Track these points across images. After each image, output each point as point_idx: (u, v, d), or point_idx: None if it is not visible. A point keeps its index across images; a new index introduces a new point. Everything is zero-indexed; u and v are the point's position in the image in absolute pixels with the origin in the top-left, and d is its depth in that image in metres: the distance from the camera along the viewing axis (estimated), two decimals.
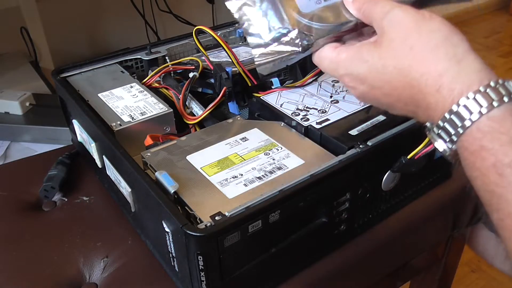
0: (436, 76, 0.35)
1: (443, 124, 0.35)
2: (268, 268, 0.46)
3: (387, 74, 0.37)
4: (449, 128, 0.35)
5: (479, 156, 0.33)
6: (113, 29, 1.51)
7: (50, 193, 0.60)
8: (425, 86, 0.35)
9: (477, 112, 0.33)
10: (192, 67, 0.64)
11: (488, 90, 0.33)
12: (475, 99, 0.33)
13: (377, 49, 0.38)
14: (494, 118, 0.33)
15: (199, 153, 0.50)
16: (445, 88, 0.34)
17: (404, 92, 0.37)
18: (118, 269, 0.51)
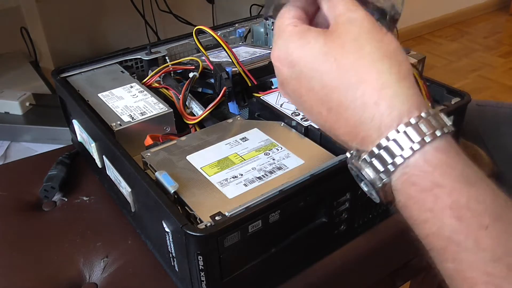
0: (376, 87, 0.31)
1: (379, 151, 0.31)
2: (268, 268, 0.46)
3: (323, 64, 0.33)
4: (385, 157, 0.30)
5: (431, 195, 0.29)
6: (113, 29, 1.51)
7: (50, 193, 0.60)
8: (362, 94, 0.31)
9: (418, 141, 0.29)
10: (192, 67, 0.64)
11: (429, 118, 0.30)
12: (417, 126, 0.30)
13: (324, 36, 0.34)
14: (440, 148, 0.30)
15: (199, 153, 0.50)
16: (384, 103, 0.31)
17: (334, 94, 0.33)
18: (118, 269, 0.51)
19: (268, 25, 0.81)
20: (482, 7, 2.79)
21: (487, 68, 2.24)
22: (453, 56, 2.35)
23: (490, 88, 2.08)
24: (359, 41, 0.32)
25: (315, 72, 0.33)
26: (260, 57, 0.69)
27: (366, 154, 0.32)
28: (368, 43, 0.32)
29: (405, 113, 0.30)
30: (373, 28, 0.33)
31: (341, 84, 0.32)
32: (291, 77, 0.35)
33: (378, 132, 0.31)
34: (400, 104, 0.30)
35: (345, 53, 0.32)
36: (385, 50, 0.32)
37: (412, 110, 0.30)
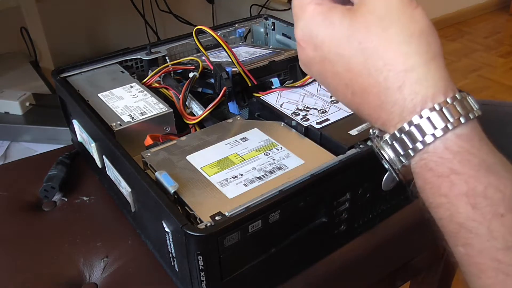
0: (400, 71, 0.30)
1: (400, 135, 0.30)
2: (268, 268, 0.46)
3: (348, 49, 0.32)
4: (406, 141, 0.30)
5: (448, 181, 0.29)
6: (113, 29, 1.51)
7: (50, 193, 0.60)
8: (385, 79, 0.30)
9: (442, 127, 0.29)
10: (192, 67, 0.64)
11: (455, 103, 0.29)
12: (441, 111, 0.29)
13: (349, 16, 0.32)
14: (463, 136, 0.29)
15: (199, 153, 0.50)
16: (407, 88, 0.30)
17: (358, 78, 0.32)
18: (118, 269, 0.51)
19: (268, 25, 0.82)
20: (482, 7, 2.79)
21: (487, 68, 2.24)
22: (453, 56, 2.35)
23: (490, 88, 2.08)
24: (384, 21, 0.31)
25: (340, 57, 0.32)
26: (260, 57, 0.69)
27: (388, 136, 0.31)
28: (395, 22, 0.31)
29: (430, 98, 0.29)
30: (400, 4, 0.31)
31: (365, 68, 0.31)
32: (315, 60, 0.34)
33: (400, 116, 0.30)
34: (425, 89, 0.29)
35: (370, 35, 0.31)
36: (413, 29, 0.30)
37: (438, 95, 0.29)
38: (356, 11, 0.32)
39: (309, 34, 0.34)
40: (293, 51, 0.70)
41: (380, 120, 0.32)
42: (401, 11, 0.31)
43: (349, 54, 0.32)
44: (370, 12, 0.31)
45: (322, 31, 0.33)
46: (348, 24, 0.32)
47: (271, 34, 0.82)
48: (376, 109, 0.31)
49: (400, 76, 0.30)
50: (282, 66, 0.68)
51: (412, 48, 0.30)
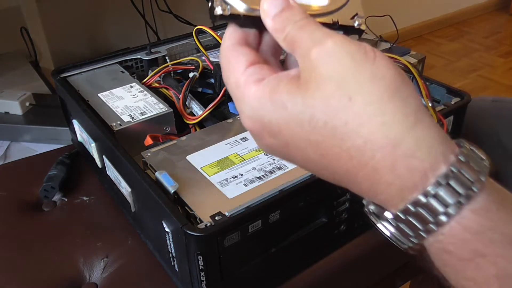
0: (385, 147, 0.24)
1: (405, 217, 0.25)
2: (268, 268, 0.46)
3: (314, 133, 0.26)
4: (415, 223, 0.25)
5: (473, 265, 0.25)
6: (113, 29, 1.51)
7: (50, 193, 0.60)
8: (371, 159, 0.25)
9: (454, 203, 0.24)
10: (192, 67, 0.64)
11: (462, 170, 0.24)
12: (448, 185, 0.24)
13: (301, 92, 0.26)
14: (480, 210, 0.24)
15: (199, 153, 0.50)
16: (400, 167, 0.24)
17: (337, 163, 0.26)
18: (118, 269, 0.51)
19: None
20: (482, 7, 2.79)
21: (487, 68, 2.24)
22: (453, 56, 2.35)
23: (490, 88, 2.08)
24: (343, 89, 0.25)
25: (307, 143, 0.27)
26: None
27: (390, 216, 0.26)
28: (357, 88, 0.25)
29: (429, 171, 0.24)
30: (355, 62, 0.25)
31: (343, 151, 0.26)
32: (277, 146, 0.29)
33: (401, 197, 0.25)
34: (421, 163, 0.24)
35: (333, 112, 0.25)
36: (381, 90, 0.25)
37: (438, 165, 0.24)
38: (307, 83, 0.26)
39: (260, 122, 0.28)
40: None
41: (376, 199, 0.27)
42: (360, 70, 0.25)
43: (316, 138, 0.26)
44: (324, 81, 0.25)
45: (274, 117, 0.27)
46: (302, 104, 0.26)
47: None
48: (369, 190, 0.26)
49: (387, 154, 0.25)
50: None
51: (388, 116, 0.25)
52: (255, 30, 0.31)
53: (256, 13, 0.29)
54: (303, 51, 0.27)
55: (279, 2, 0.28)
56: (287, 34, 0.28)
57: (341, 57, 0.25)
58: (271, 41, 0.31)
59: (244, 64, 0.29)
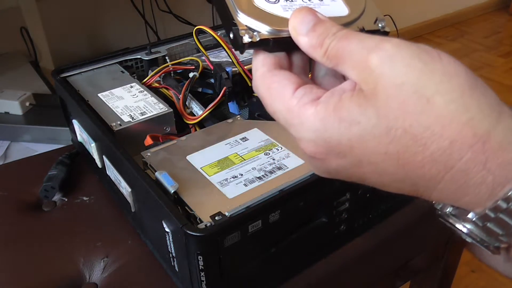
0: (475, 145, 0.23)
1: (496, 214, 0.24)
2: (268, 268, 0.46)
3: (394, 144, 0.24)
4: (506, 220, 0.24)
5: None
6: (113, 29, 1.51)
7: (50, 193, 0.60)
8: (459, 160, 0.23)
9: None
10: (192, 67, 0.64)
11: None
12: None
13: (371, 103, 0.25)
14: None
15: (199, 153, 0.50)
16: (493, 163, 0.23)
17: (420, 171, 0.25)
18: (118, 269, 0.51)
19: None
20: (482, 7, 2.79)
21: (487, 68, 2.24)
22: (453, 56, 2.35)
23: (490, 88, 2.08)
24: (421, 92, 0.24)
25: (383, 156, 0.25)
26: None
27: (475, 217, 0.25)
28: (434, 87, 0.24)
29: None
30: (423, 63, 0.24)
31: (427, 157, 0.24)
32: (344, 167, 0.27)
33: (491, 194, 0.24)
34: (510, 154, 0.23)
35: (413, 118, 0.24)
36: (461, 85, 0.24)
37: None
38: (375, 94, 0.24)
39: (326, 144, 0.26)
40: None
41: (460, 202, 0.25)
42: (431, 69, 0.24)
43: (397, 149, 0.24)
44: (395, 88, 0.24)
45: (345, 136, 0.25)
46: (377, 116, 0.24)
47: None
48: (454, 193, 0.25)
49: (478, 151, 0.23)
50: None
51: (473, 111, 0.23)
52: (284, 53, 0.30)
53: (285, 34, 0.29)
54: (354, 62, 0.25)
55: (309, 18, 0.27)
56: (328, 48, 0.26)
57: (408, 59, 0.24)
58: (301, 61, 0.30)
59: (291, 87, 0.27)
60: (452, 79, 0.24)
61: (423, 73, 0.24)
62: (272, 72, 0.28)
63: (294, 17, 0.28)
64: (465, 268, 1.31)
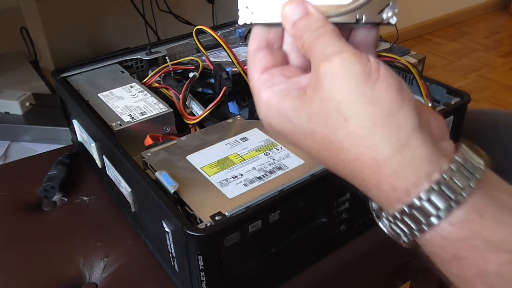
0: (373, 166, 0.27)
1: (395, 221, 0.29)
2: (268, 268, 0.46)
3: (315, 143, 0.30)
4: (403, 228, 0.28)
5: (456, 265, 0.27)
6: (113, 29, 1.51)
7: (50, 193, 0.60)
8: (361, 173, 0.28)
9: (434, 216, 0.26)
10: (192, 67, 0.64)
11: (442, 187, 0.26)
12: (429, 201, 0.26)
13: (305, 109, 0.29)
14: (458, 223, 0.26)
15: (199, 153, 0.50)
16: (385, 184, 0.27)
17: (335, 168, 0.30)
18: (118, 269, 0.51)
19: None
20: (482, 7, 2.79)
21: (487, 68, 2.24)
22: (453, 56, 2.35)
23: (490, 88, 2.08)
24: (342, 110, 0.27)
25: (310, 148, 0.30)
26: None
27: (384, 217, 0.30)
28: (353, 110, 0.27)
29: (412, 188, 0.27)
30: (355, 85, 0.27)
31: (339, 161, 0.29)
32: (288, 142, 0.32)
33: (390, 205, 0.28)
34: (403, 182, 0.27)
35: (331, 130, 0.28)
36: (375, 115, 0.27)
37: (420, 183, 0.27)
38: (311, 100, 0.29)
39: (270, 126, 0.32)
40: None
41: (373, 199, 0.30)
42: (359, 93, 0.27)
43: (318, 147, 0.30)
44: (324, 101, 0.28)
45: (281, 126, 0.31)
46: (306, 120, 0.29)
47: None
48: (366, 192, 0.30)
49: (374, 172, 0.28)
50: None
51: (378, 139, 0.27)
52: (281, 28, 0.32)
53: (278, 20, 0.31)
54: (314, 63, 0.29)
55: (298, 10, 0.30)
56: (304, 42, 0.30)
57: (343, 78, 0.28)
58: None
59: (259, 70, 0.32)
60: (371, 107, 0.27)
61: (349, 95, 0.27)
62: (254, 52, 0.32)
63: (286, 6, 0.30)
64: None
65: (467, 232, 0.26)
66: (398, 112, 0.27)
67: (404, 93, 0.28)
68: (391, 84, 0.27)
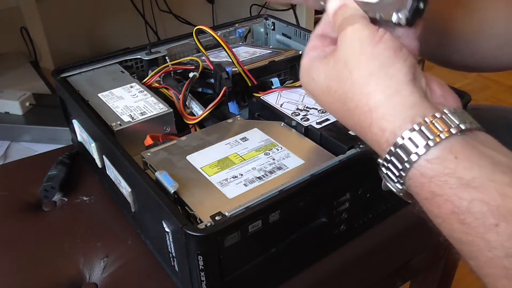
0: (366, 111, 0.32)
1: (386, 164, 0.32)
2: (268, 268, 0.46)
3: (331, 96, 0.35)
4: (393, 169, 0.32)
5: (434, 203, 0.30)
6: (113, 29, 1.51)
7: (50, 193, 0.60)
8: (359, 119, 0.33)
9: (413, 154, 0.30)
10: (192, 67, 0.64)
11: (423, 128, 0.30)
12: (410, 140, 0.30)
13: (323, 68, 0.36)
14: (434, 160, 0.30)
15: (199, 153, 0.50)
16: (375, 127, 0.32)
17: (346, 117, 0.36)
18: (118, 269, 0.51)
19: (268, 25, 0.81)
20: None
21: None
22: None
23: (490, 88, 2.08)
24: (348, 65, 0.34)
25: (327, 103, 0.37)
26: (260, 57, 0.69)
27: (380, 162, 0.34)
28: (356, 65, 0.33)
29: (397, 129, 0.31)
30: (361, 44, 0.33)
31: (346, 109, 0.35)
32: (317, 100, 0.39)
33: (380, 149, 0.33)
34: (391, 124, 0.31)
35: (341, 83, 0.34)
36: (372, 68, 0.32)
37: (405, 124, 0.31)
38: (329, 61, 0.35)
39: (302, 83, 0.39)
40: (293, 51, 0.70)
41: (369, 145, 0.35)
42: (361, 51, 0.33)
43: (331, 101, 0.36)
44: (338, 59, 0.34)
45: (309, 85, 0.38)
46: (324, 77, 0.36)
47: (271, 34, 0.82)
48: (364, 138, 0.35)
49: (367, 116, 0.32)
50: (282, 66, 0.68)
51: (371, 87, 0.32)
52: None
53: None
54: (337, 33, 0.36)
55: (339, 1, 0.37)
56: (337, 24, 0.37)
57: (352, 41, 0.34)
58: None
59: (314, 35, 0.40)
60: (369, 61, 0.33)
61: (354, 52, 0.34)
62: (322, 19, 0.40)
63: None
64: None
65: (441, 168, 0.29)
66: (391, 66, 0.32)
67: (400, 54, 0.33)
68: (390, 46, 0.33)
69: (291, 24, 0.78)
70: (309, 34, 0.73)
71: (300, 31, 0.76)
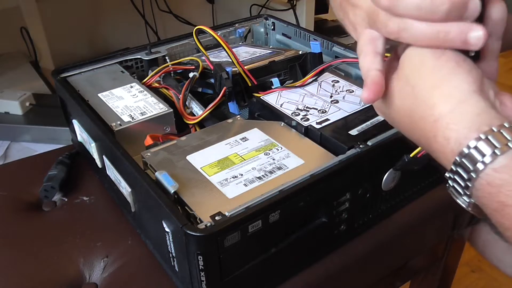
0: (431, 122, 0.32)
1: (453, 176, 0.32)
2: (268, 268, 0.46)
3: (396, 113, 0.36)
4: (459, 181, 0.31)
5: (505, 215, 0.29)
6: (113, 29, 1.51)
7: (50, 193, 0.60)
8: (424, 130, 0.33)
9: (479, 163, 0.29)
10: (192, 67, 0.64)
11: (490, 137, 0.29)
12: (476, 149, 0.29)
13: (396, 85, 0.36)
14: (501, 168, 0.29)
15: (199, 153, 0.50)
16: (440, 136, 0.32)
17: (412, 132, 0.36)
18: (118, 269, 0.51)
19: (268, 25, 0.81)
20: None
21: None
22: None
23: None
24: (411, 80, 0.34)
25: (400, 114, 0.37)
26: (260, 57, 0.69)
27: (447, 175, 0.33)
28: (418, 78, 0.34)
29: (463, 139, 0.31)
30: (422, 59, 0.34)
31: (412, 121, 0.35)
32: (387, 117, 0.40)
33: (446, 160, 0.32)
34: (455, 133, 0.31)
35: (404, 99, 0.35)
36: (434, 80, 0.33)
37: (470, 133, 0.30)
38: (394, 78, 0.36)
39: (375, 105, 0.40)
40: (293, 51, 0.70)
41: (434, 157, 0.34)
42: (423, 64, 0.34)
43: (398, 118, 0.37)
44: (400, 77, 0.35)
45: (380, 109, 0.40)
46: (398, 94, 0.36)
47: (271, 34, 0.82)
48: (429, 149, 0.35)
49: (432, 126, 0.32)
50: (282, 66, 0.68)
51: (435, 98, 0.32)
52: None
53: None
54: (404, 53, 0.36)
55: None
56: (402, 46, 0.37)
57: (411, 57, 0.35)
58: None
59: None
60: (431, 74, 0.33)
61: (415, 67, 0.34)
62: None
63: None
64: (465, 268, 1.31)
65: (510, 177, 0.29)
66: (454, 76, 0.32)
67: (464, 65, 0.33)
68: (452, 58, 0.33)
69: (291, 24, 0.78)
70: (309, 34, 0.73)
71: (300, 31, 0.76)
